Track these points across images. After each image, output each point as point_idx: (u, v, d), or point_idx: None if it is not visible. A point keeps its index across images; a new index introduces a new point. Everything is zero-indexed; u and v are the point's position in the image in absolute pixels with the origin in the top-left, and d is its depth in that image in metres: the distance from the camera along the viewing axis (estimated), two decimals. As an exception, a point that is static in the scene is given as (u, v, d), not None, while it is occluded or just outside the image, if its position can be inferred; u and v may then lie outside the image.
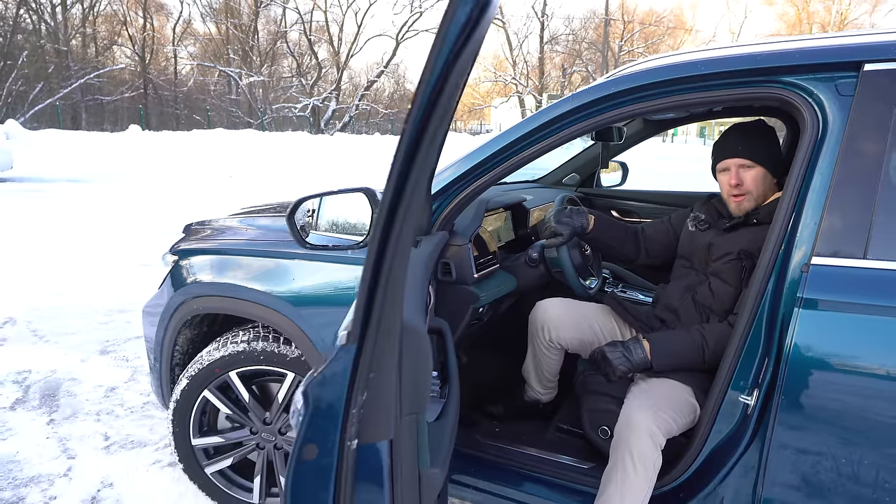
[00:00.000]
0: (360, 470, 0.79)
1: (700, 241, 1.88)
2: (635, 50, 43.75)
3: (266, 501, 2.11)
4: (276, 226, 2.07)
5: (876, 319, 1.20)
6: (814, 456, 1.28)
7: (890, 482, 1.21)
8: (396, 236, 0.72)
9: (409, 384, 0.84)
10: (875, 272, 1.21)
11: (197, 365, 2.02)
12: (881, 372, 1.20)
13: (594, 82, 1.62)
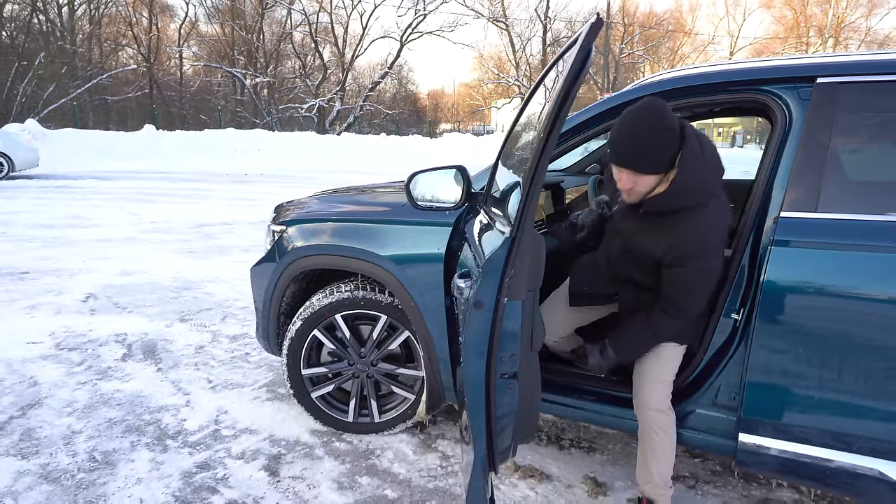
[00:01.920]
0: (506, 320, 1.35)
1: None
2: (636, 52, 44.34)
3: (357, 420, 2.66)
4: (375, 201, 2.63)
5: (824, 252, 1.75)
6: (781, 352, 1.83)
7: (829, 366, 1.76)
8: (534, 190, 1.28)
9: (532, 269, 1.39)
10: (823, 220, 1.76)
11: (309, 309, 2.57)
12: (828, 289, 1.75)
13: (629, 86, 2.17)
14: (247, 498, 2.23)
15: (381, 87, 39.00)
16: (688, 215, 1.81)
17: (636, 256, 1.98)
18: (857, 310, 1.74)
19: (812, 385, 1.82)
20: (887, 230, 1.72)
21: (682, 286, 1.86)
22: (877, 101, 1.82)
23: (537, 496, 2.28)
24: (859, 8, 49.21)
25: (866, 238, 1.74)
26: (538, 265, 1.43)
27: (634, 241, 1.97)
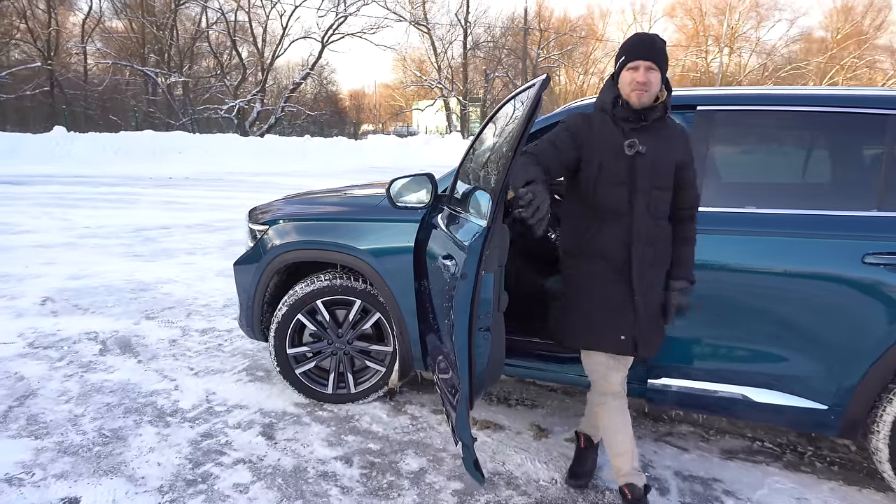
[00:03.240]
0: (483, 288, 1.85)
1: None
2: (552, 56, 46.21)
3: (336, 392, 3.09)
4: (349, 202, 3.08)
5: (706, 237, 2.37)
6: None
7: (709, 322, 2.40)
8: (503, 194, 1.80)
9: (500, 250, 1.91)
10: (703, 213, 2.38)
11: (294, 296, 2.98)
12: (709, 264, 2.37)
13: (559, 108, 2.73)
14: (251, 456, 2.62)
15: (301, 87, 38.61)
16: (674, 121, 2.16)
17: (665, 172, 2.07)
18: (728, 280, 2.38)
19: (701, 336, 2.45)
20: (747, 219, 2.37)
21: (695, 183, 2.17)
22: (738, 124, 2.49)
23: (493, 441, 2.81)
24: (749, 20, 53.61)
25: (732, 225, 2.39)
26: (504, 247, 1.96)
27: (666, 154, 2.06)
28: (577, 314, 2.16)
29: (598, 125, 2.10)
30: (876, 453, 2.29)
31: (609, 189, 2.06)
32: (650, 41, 2.03)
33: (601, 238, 2.09)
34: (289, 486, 2.42)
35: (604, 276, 2.11)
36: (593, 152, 2.07)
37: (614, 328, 2.10)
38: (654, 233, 2.09)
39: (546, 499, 2.38)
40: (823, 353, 2.31)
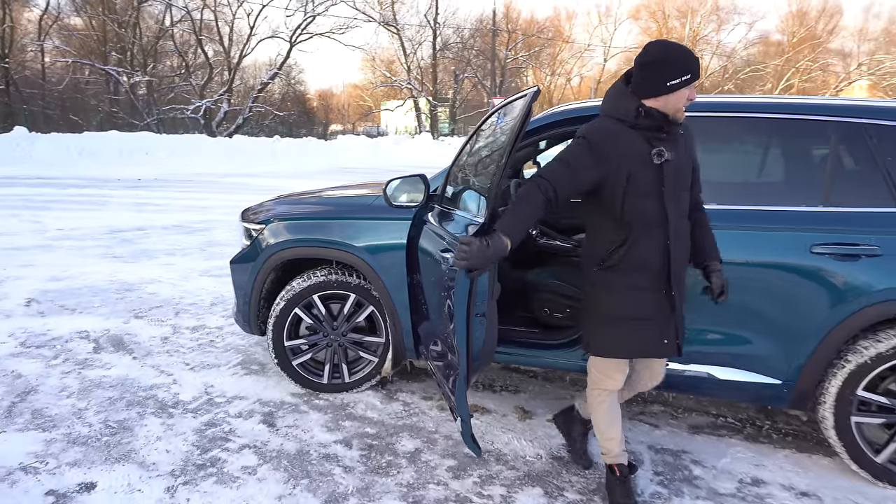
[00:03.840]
0: (479, 278, 2.06)
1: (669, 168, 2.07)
2: (520, 57, 46.74)
3: (331, 382, 3.26)
4: (343, 202, 3.26)
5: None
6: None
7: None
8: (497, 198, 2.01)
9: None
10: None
11: (291, 292, 3.14)
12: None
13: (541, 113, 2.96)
14: (256, 442, 2.78)
15: (269, 87, 38.27)
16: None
17: (686, 173, 2.18)
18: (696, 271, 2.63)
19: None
20: (710, 215, 2.63)
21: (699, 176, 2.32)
22: (702, 129, 2.75)
23: (481, 423, 3.03)
24: (710, 23, 55.11)
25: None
26: None
27: (685, 158, 2.16)
28: (619, 324, 2.17)
29: (620, 136, 2.07)
30: (822, 422, 2.57)
31: (640, 199, 2.07)
32: (697, 61, 2.05)
33: (638, 249, 2.10)
34: (294, 467, 2.59)
35: (645, 287, 2.13)
36: (620, 165, 2.04)
37: (659, 334, 2.17)
38: (686, 235, 2.19)
39: (533, 472, 2.60)
40: (778, 334, 2.58)
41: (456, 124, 44.35)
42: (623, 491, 2.35)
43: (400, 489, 2.45)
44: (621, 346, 2.22)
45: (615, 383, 2.31)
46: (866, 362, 2.45)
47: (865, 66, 48.76)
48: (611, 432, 2.36)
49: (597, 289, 2.23)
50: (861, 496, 2.48)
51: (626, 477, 2.37)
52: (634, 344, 2.21)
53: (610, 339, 2.22)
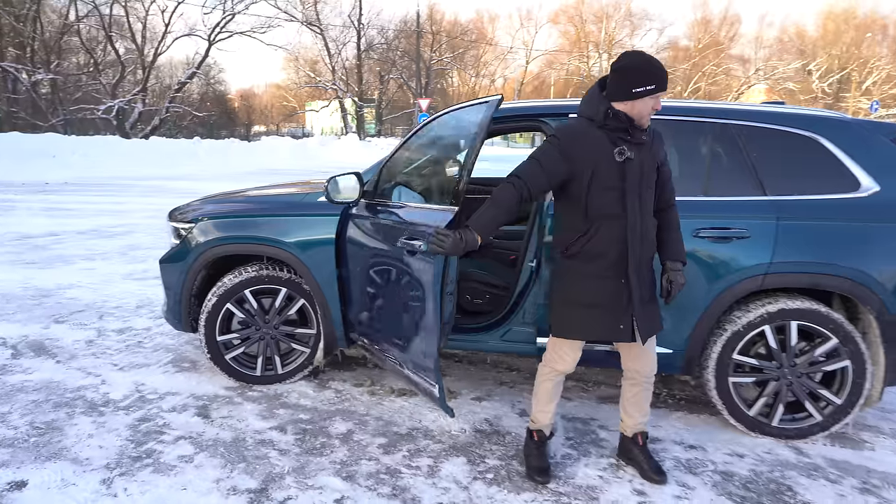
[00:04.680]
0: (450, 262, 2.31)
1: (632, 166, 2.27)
2: (444, 59, 47.30)
3: (264, 374, 3.37)
4: (273, 199, 3.38)
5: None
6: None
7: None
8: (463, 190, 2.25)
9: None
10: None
11: (222, 287, 3.23)
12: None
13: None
14: (191, 433, 2.86)
15: (187, 87, 36.88)
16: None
17: (650, 172, 2.35)
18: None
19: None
20: None
21: (671, 178, 2.50)
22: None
23: (410, 405, 3.23)
24: (625, 28, 57.79)
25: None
26: None
27: (646, 157, 2.32)
28: (575, 308, 2.39)
29: (586, 135, 2.29)
30: (706, 384, 2.95)
31: (602, 193, 2.27)
32: (665, 73, 2.26)
33: (598, 239, 2.30)
34: (231, 453, 2.70)
35: (603, 275, 2.33)
36: (585, 162, 2.26)
37: (614, 319, 2.36)
38: (645, 229, 2.35)
39: (457, 444, 2.84)
40: (671, 308, 2.92)
41: (382, 125, 44.33)
42: (539, 454, 2.62)
43: (334, 466, 2.62)
44: (577, 328, 2.43)
45: (565, 365, 2.52)
46: (739, 330, 2.84)
47: (762, 71, 52.67)
48: (547, 407, 2.60)
49: (560, 274, 2.46)
50: (738, 445, 2.87)
51: (543, 443, 2.65)
52: (589, 327, 2.41)
53: (567, 320, 2.44)
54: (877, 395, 2.84)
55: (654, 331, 2.47)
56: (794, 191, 2.85)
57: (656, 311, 2.48)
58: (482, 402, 3.27)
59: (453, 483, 2.52)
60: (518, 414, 3.15)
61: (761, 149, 2.91)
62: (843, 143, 2.86)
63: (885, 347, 2.76)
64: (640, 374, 2.57)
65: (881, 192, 2.77)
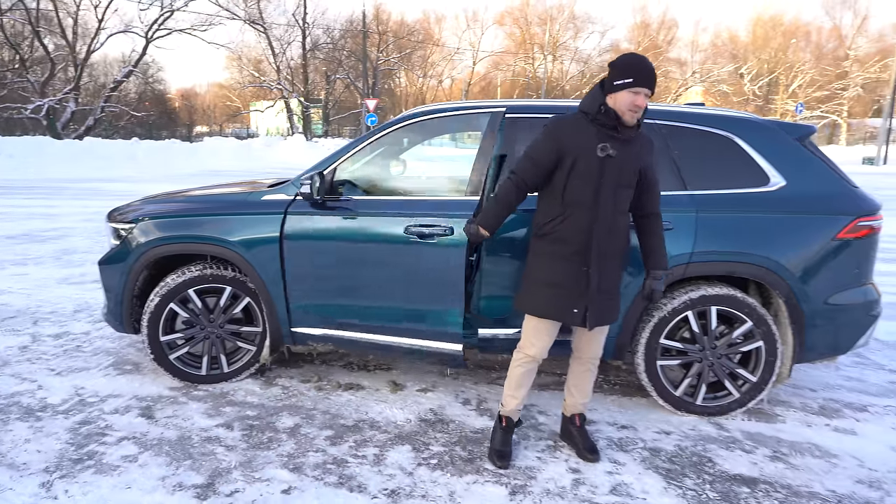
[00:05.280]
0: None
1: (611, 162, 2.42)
2: (391, 59, 47.21)
3: (209, 373, 3.38)
4: (217, 199, 3.39)
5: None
6: (495, 278, 3.10)
7: (496, 282, 3.11)
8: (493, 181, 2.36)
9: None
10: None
11: (165, 287, 3.22)
12: (504, 237, 3.07)
13: (406, 112, 3.29)
14: (135, 433, 2.85)
15: (123, 86, 35.51)
16: (643, 133, 2.55)
17: (630, 173, 2.48)
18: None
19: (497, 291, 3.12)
20: None
21: (658, 184, 2.62)
22: (529, 128, 3.20)
23: (356, 398, 3.31)
24: (568, 30, 59.11)
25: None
26: None
27: (629, 158, 2.46)
28: (538, 286, 2.56)
29: (575, 128, 2.47)
30: (637, 367, 3.14)
31: (579, 183, 2.44)
32: (652, 72, 2.39)
33: (567, 224, 2.47)
34: (176, 451, 2.71)
35: (565, 257, 2.50)
36: (569, 152, 2.44)
37: (569, 302, 2.51)
38: (614, 224, 2.49)
39: (403, 433, 2.93)
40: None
41: (330, 126, 43.86)
42: (503, 439, 2.75)
43: (281, 459, 2.67)
44: (536, 305, 2.58)
45: (535, 350, 2.64)
46: (665, 316, 3.04)
47: (698, 74, 54.92)
48: (517, 393, 2.72)
49: (531, 253, 2.65)
50: (665, 423, 3.07)
51: (509, 429, 2.78)
52: (546, 306, 2.56)
53: (530, 297, 2.60)
54: (787, 372, 3.10)
55: (605, 321, 2.62)
56: (711, 186, 3.07)
57: (613, 303, 2.63)
58: (427, 394, 3.37)
59: (398, 470, 2.61)
60: (462, 403, 3.27)
61: (683, 147, 3.12)
62: (755, 141, 3.10)
63: (793, 328, 3.02)
64: (586, 354, 2.74)
65: (787, 187, 3.03)
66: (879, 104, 42.51)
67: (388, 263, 3.11)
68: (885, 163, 28.38)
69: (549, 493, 2.47)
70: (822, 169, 3.09)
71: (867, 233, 2.99)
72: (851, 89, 48.25)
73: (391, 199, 3.31)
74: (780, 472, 2.65)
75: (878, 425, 3.10)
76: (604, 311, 2.58)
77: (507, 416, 2.77)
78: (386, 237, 3.09)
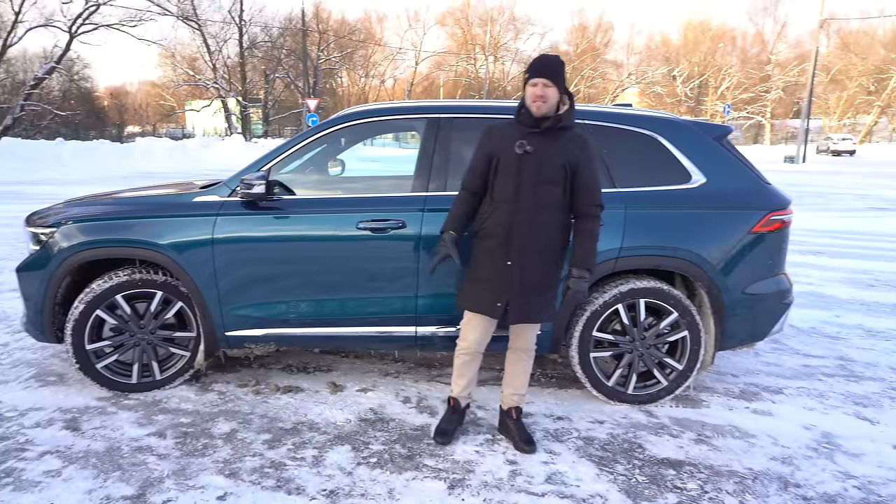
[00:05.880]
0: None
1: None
2: (332, 58, 46.61)
3: (140, 381, 3.27)
4: (145, 200, 3.28)
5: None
6: (440, 275, 3.13)
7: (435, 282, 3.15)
8: None
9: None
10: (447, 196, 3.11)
11: (91, 294, 3.09)
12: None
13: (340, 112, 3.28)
14: (58, 447, 2.73)
15: (46, 83, 33.58)
16: (577, 132, 2.64)
17: (552, 169, 2.54)
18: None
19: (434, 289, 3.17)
20: None
21: (596, 184, 2.62)
22: (465, 128, 3.25)
23: (295, 401, 3.27)
24: (509, 32, 59.94)
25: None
26: None
27: (550, 154, 2.54)
28: (472, 283, 2.71)
29: (503, 131, 2.62)
30: (571, 360, 3.25)
31: (501, 180, 2.58)
32: (548, 62, 2.53)
33: (493, 220, 2.60)
34: (104, 463, 2.61)
35: (491, 252, 2.62)
36: (495, 153, 2.60)
37: (493, 296, 2.62)
38: (536, 219, 2.56)
39: (342, 434, 2.92)
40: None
41: (270, 126, 42.94)
42: (448, 418, 2.88)
43: (216, 465, 2.62)
44: (467, 299, 2.73)
45: (467, 343, 2.76)
46: (597, 309, 3.15)
47: (634, 76, 56.82)
48: (458, 381, 2.87)
49: (471, 252, 2.76)
50: (599, 413, 3.19)
51: (455, 411, 2.90)
52: (473, 300, 2.70)
53: (464, 291, 2.75)
54: (710, 360, 3.27)
55: (528, 319, 2.70)
56: (638, 183, 3.21)
57: (541, 300, 2.69)
58: (367, 393, 3.37)
59: (338, 470, 2.61)
60: (402, 402, 3.29)
61: (611, 146, 3.24)
62: (677, 140, 3.26)
63: (715, 318, 3.19)
64: (515, 344, 2.85)
65: (707, 184, 3.19)
66: (798, 106, 45.23)
67: (338, 258, 3.18)
68: (805, 161, 30.17)
69: (486, 485, 2.53)
70: (738, 167, 3.27)
71: (779, 226, 3.20)
72: (774, 92, 51.15)
73: (340, 196, 3.49)
74: (704, 454, 2.79)
75: (792, 406, 3.31)
76: (528, 309, 2.65)
77: (452, 397, 2.91)
78: (336, 234, 3.16)
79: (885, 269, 6.73)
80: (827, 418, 3.17)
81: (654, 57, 58.57)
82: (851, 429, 3.06)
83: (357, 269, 3.18)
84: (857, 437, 2.98)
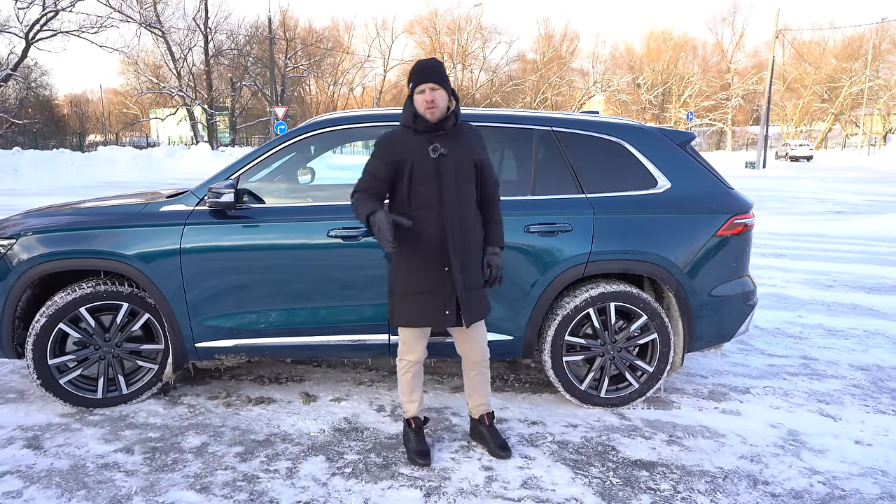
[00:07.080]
0: None
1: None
2: (300, 66, 46.27)
3: (106, 396, 3.18)
4: (109, 211, 3.20)
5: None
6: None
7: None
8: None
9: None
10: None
11: (53, 307, 3.00)
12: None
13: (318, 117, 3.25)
14: (19, 467, 2.64)
15: (2, 91, 32.59)
16: (468, 124, 2.67)
17: (467, 167, 2.56)
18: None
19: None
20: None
21: (493, 167, 2.71)
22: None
23: (267, 412, 3.22)
24: (476, 40, 60.41)
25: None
26: None
27: (462, 153, 2.55)
28: (407, 298, 2.58)
29: (404, 139, 2.54)
30: (544, 365, 3.27)
31: (421, 187, 2.51)
32: (430, 67, 2.51)
33: (419, 230, 2.50)
34: (68, 482, 2.53)
35: (426, 263, 2.54)
36: (405, 159, 2.50)
37: (439, 306, 2.55)
38: (463, 220, 2.55)
39: (316, 444, 2.89)
40: (509, 299, 3.20)
41: (237, 134, 42.39)
42: (417, 439, 2.79)
43: (187, 480, 2.56)
44: (410, 316, 2.61)
45: (415, 355, 2.71)
46: (569, 314, 3.19)
47: (599, 84, 57.85)
48: (412, 397, 2.77)
49: (392, 266, 2.65)
50: (573, 417, 3.22)
51: (420, 429, 2.81)
52: (419, 314, 2.59)
53: (400, 309, 2.62)
54: (679, 361, 3.33)
55: (479, 316, 2.68)
56: (606, 189, 3.26)
57: (482, 297, 2.70)
58: (341, 403, 3.34)
59: (312, 481, 2.57)
60: (376, 410, 3.27)
61: (578, 152, 3.29)
62: (643, 147, 3.33)
63: (683, 320, 3.26)
64: (472, 358, 2.79)
65: (672, 189, 3.27)
66: (758, 113, 46.60)
67: (309, 266, 3.15)
68: (765, 167, 31.08)
69: (463, 492, 2.52)
70: (701, 172, 3.36)
71: (742, 230, 3.29)
72: (734, 99, 52.68)
73: (311, 204, 3.48)
74: (676, 455, 2.84)
75: (759, 405, 3.39)
76: (475, 307, 2.64)
77: (412, 418, 2.81)
78: (306, 242, 3.12)
79: (843, 270, 6.96)
80: (792, 416, 3.26)
81: (618, 65, 59.77)
82: (815, 426, 3.15)
83: (328, 277, 3.16)
84: (821, 433, 3.07)
